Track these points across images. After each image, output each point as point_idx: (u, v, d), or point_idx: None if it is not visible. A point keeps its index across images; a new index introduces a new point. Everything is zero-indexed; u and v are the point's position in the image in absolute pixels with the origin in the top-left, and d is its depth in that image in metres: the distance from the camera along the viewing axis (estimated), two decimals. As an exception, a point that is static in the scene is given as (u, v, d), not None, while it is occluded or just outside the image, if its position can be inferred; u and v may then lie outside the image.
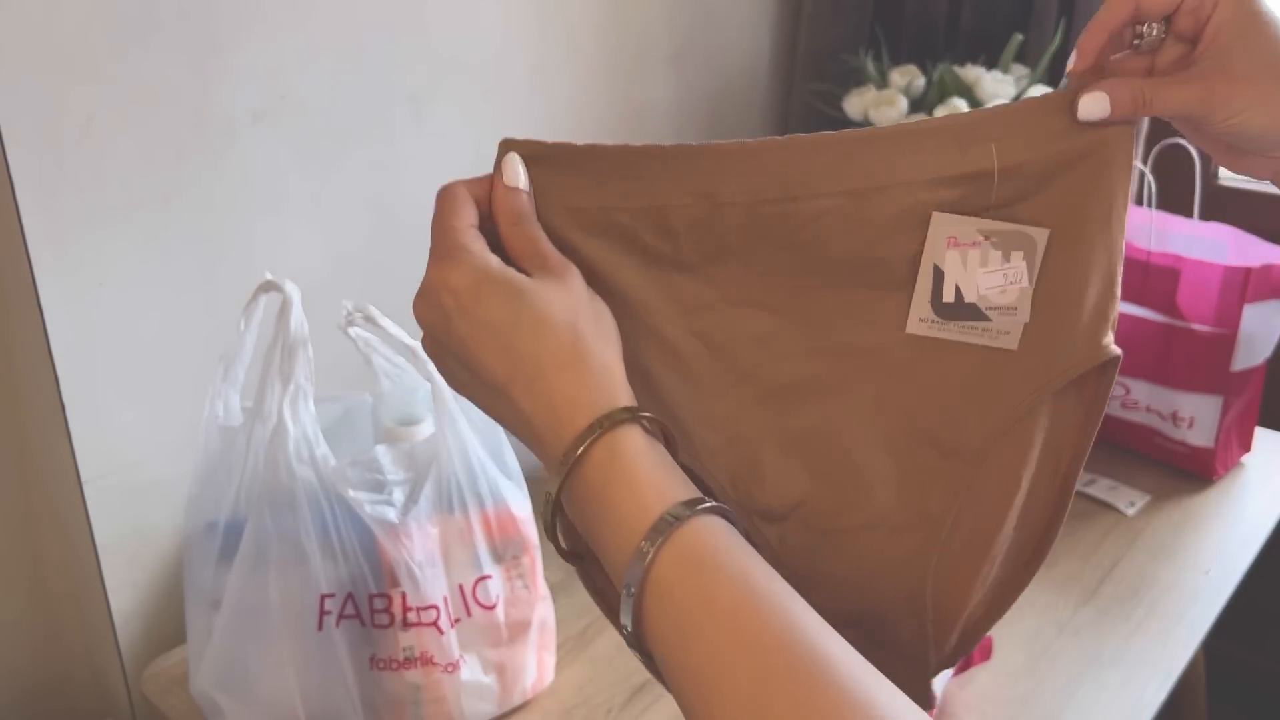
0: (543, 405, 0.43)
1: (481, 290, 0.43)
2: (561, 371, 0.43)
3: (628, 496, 0.41)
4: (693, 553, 0.39)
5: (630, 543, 0.39)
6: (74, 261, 0.87)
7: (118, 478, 0.94)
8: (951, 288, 0.48)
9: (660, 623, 0.39)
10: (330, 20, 0.99)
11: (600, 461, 0.42)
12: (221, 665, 0.78)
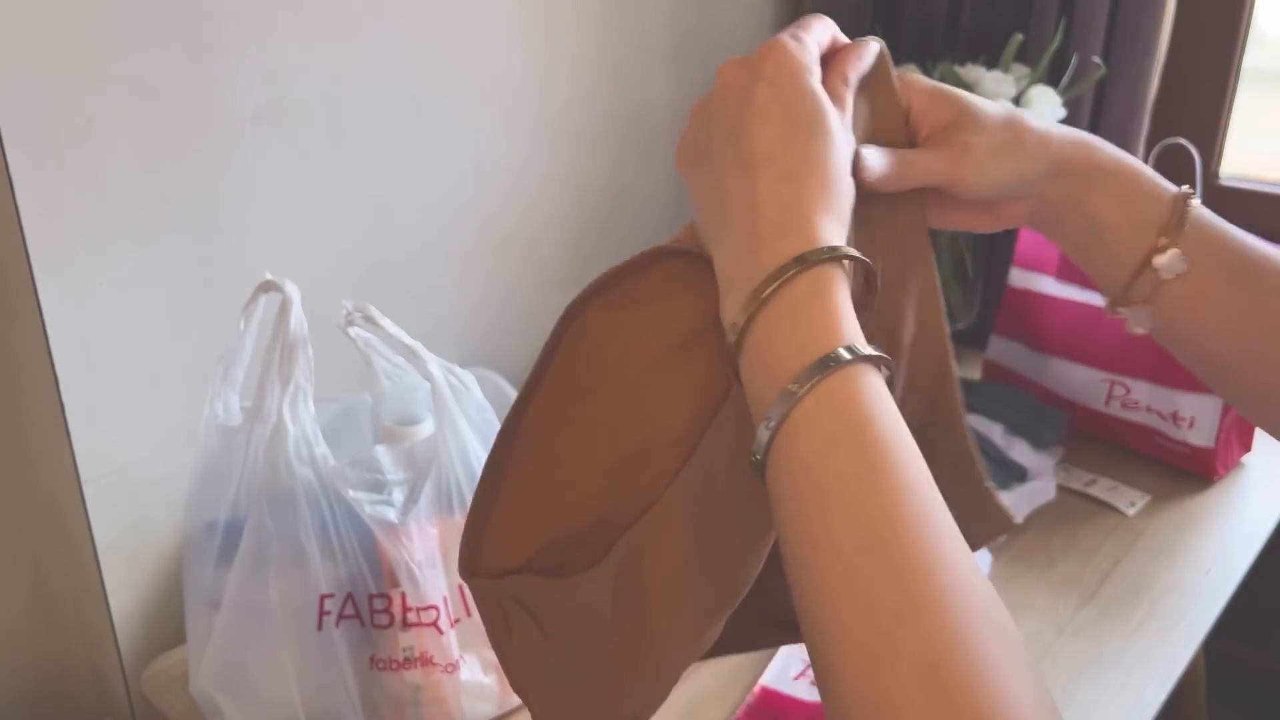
0: (781, 203, 0.43)
1: (801, 81, 0.44)
2: (820, 189, 0.43)
3: (808, 326, 0.41)
4: (853, 389, 0.39)
5: (789, 370, 0.40)
6: (74, 261, 0.87)
7: (117, 477, 0.94)
8: None
9: (801, 441, 0.39)
10: (330, 20, 0.99)
11: (803, 286, 0.42)
12: (221, 665, 0.78)
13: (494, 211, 1.22)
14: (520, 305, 1.29)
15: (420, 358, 0.78)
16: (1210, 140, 1.39)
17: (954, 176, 0.51)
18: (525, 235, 1.26)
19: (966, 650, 0.33)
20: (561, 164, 1.27)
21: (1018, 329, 1.30)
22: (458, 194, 1.17)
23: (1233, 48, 1.36)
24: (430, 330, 1.18)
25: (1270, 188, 1.39)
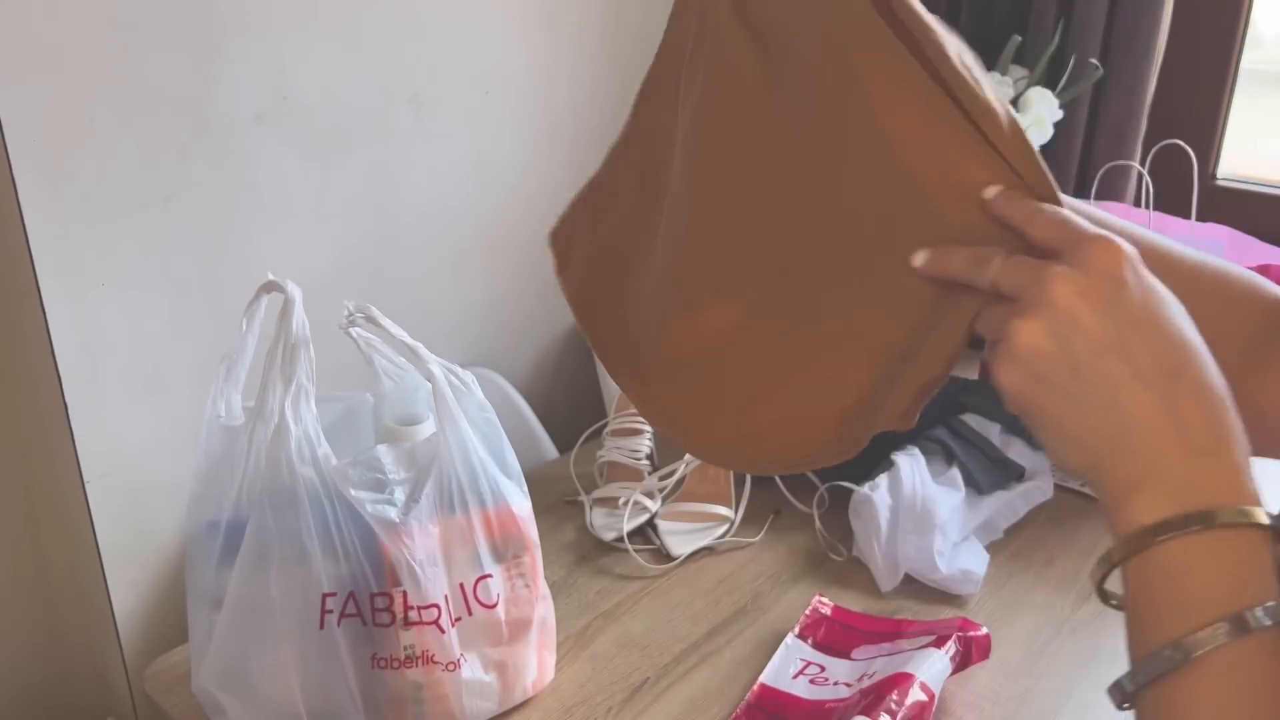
0: (1197, 403, 0.39)
1: (1148, 277, 0.40)
2: (1215, 390, 0.40)
3: (1237, 574, 0.38)
4: (1264, 660, 0.37)
5: (1199, 612, 0.37)
6: (76, 262, 0.87)
7: (120, 477, 0.94)
8: None
9: (1201, 707, 0.37)
10: (331, 21, 1.00)
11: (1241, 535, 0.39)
12: (223, 664, 0.78)
13: (495, 212, 1.22)
14: (521, 306, 1.30)
15: (421, 358, 0.78)
16: (1208, 141, 1.39)
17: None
18: (526, 236, 1.27)
19: None
20: (562, 164, 1.28)
21: (1016, 329, 1.30)
22: (459, 194, 1.17)
23: (1230, 49, 1.36)
24: (431, 330, 1.18)
25: (1267, 188, 1.40)
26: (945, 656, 0.85)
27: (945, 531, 1.00)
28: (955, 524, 1.01)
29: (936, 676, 0.81)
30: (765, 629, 0.95)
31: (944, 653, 0.85)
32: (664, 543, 1.05)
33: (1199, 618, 0.37)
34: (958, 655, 0.86)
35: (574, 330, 1.38)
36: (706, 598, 0.99)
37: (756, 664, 0.90)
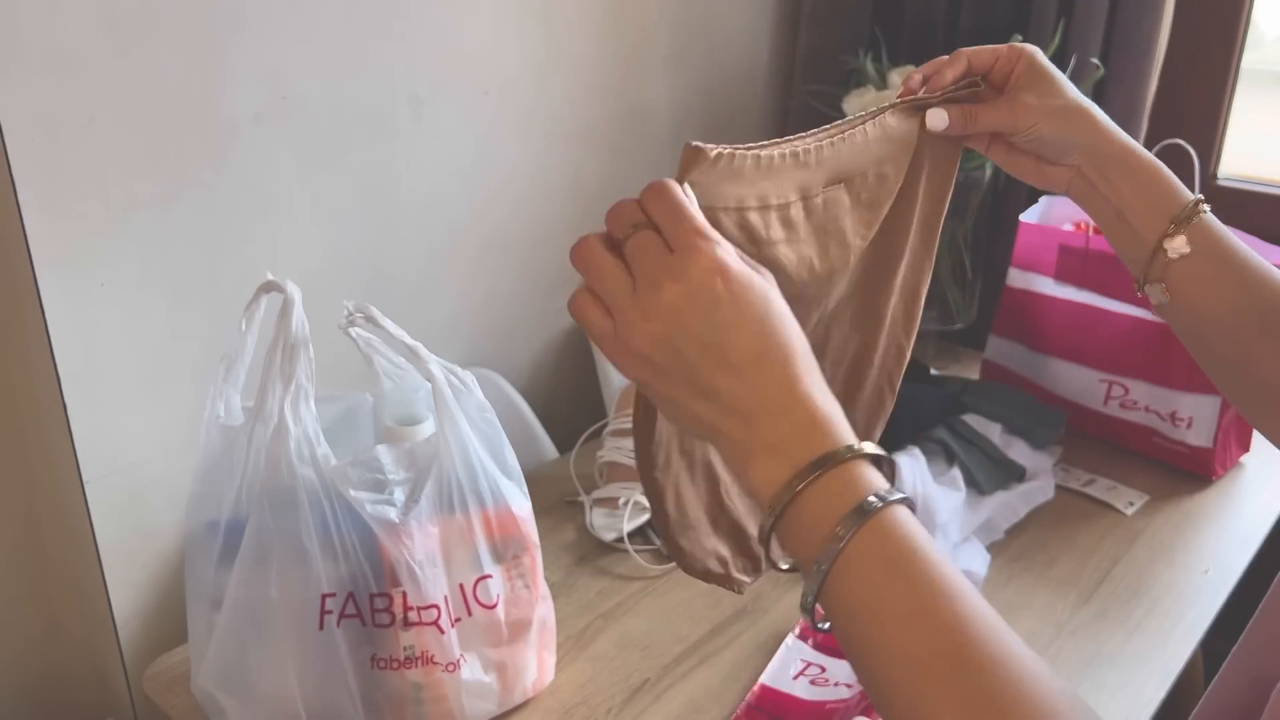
0: (781, 388, 0.47)
1: (747, 279, 0.48)
2: (801, 361, 0.48)
3: (833, 493, 0.46)
4: (885, 534, 0.45)
5: (827, 524, 0.45)
6: (76, 261, 0.87)
7: (119, 477, 0.94)
8: None
9: (847, 590, 0.44)
10: (331, 21, 0.99)
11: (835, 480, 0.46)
12: (223, 664, 0.78)
13: (494, 211, 1.22)
14: (521, 306, 1.30)
15: (421, 358, 0.78)
16: (1209, 141, 1.39)
17: (1010, 126, 0.66)
18: (525, 236, 1.27)
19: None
20: (561, 164, 1.28)
21: (1016, 329, 1.30)
22: (458, 194, 1.17)
23: (1231, 49, 1.36)
24: (431, 330, 1.18)
25: (1268, 188, 1.40)
26: (946, 657, 0.85)
27: (946, 532, 1.00)
28: (956, 524, 1.01)
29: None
30: (765, 630, 0.95)
31: (944, 653, 0.85)
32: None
33: (829, 525, 0.45)
34: (958, 656, 0.86)
35: (574, 330, 1.38)
36: (707, 598, 0.99)
37: (757, 665, 0.90)
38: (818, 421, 0.47)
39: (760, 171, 0.55)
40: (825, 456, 0.45)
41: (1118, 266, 1.18)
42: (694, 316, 0.47)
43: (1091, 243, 1.21)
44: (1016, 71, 0.67)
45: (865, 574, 0.44)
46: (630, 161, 1.36)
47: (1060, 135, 0.66)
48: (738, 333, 0.47)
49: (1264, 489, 1.17)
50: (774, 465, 0.46)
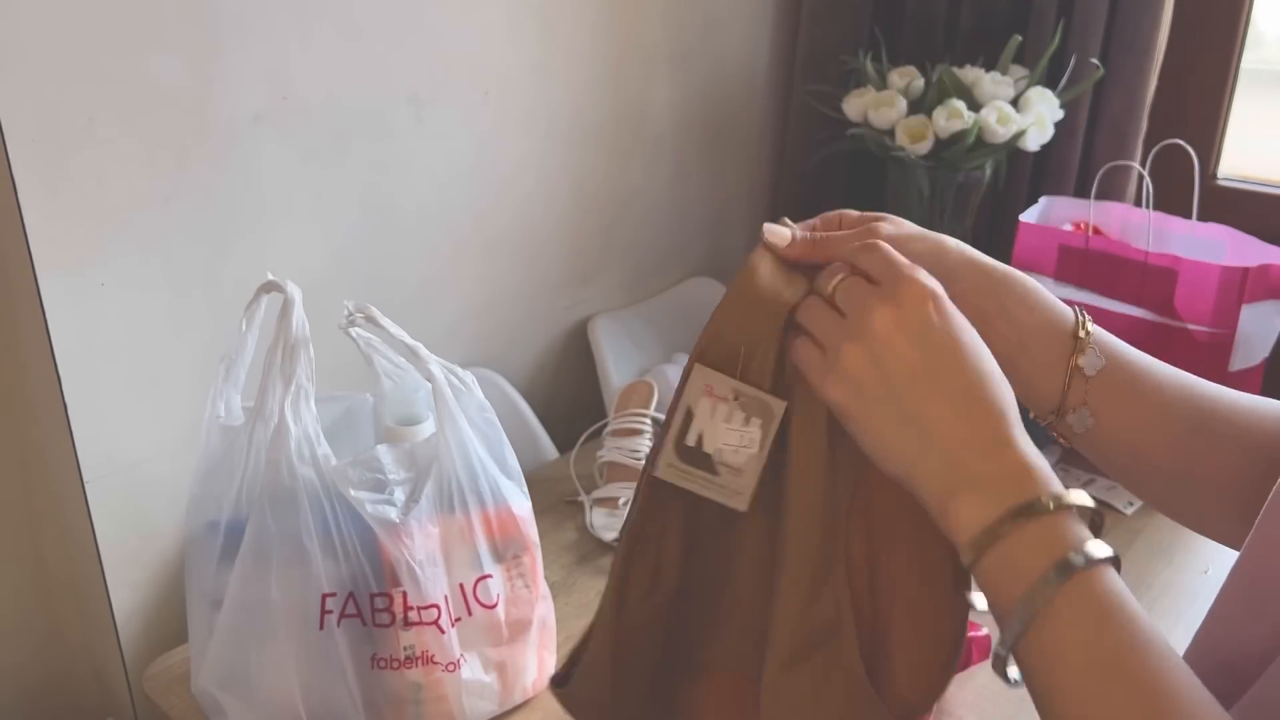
0: (996, 416, 0.46)
1: (953, 311, 0.48)
2: (1013, 410, 0.47)
3: (1039, 544, 0.45)
4: (1090, 594, 0.44)
5: (1031, 575, 0.44)
6: (76, 262, 0.87)
7: (119, 477, 0.94)
8: (695, 434, 0.53)
9: (1049, 647, 0.44)
10: (331, 21, 1.00)
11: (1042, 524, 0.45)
12: (223, 664, 0.78)
13: (494, 212, 1.22)
14: (521, 306, 1.30)
15: (421, 358, 0.78)
16: (1209, 141, 1.39)
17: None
18: (526, 236, 1.27)
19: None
20: (562, 165, 1.28)
21: (1016, 329, 1.30)
22: (458, 195, 1.17)
23: (1231, 49, 1.36)
24: (431, 330, 1.18)
25: (1268, 188, 1.40)
26: (945, 657, 0.85)
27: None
28: (955, 524, 1.01)
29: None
30: (765, 629, 0.94)
31: (944, 653, 0.85)
32: (664, 543, 1.05)
33: (1033, 577, 0.43)
34: (958, 656, 0.86)
35: (574, 330, 1.38)
36: (707, 598, 0.99)
37: (757, 664, 0.90)
38: (1028, 466, 0.45)
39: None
40: (1032, 503, 0.44)
41: (1117, 266, 1.18)
42: (905, 340, 0.47)
43: (1091, 243, 1.21)
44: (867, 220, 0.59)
45: (1067, 631, 0.43)
46: (630, 161, 1.36)
47: (936, 258, 0.56)
48: (952, 359, 0.46)
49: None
50: (980, 505, 0.45)
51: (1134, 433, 0.59)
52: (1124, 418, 0.59)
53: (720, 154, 1.50)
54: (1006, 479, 0.45)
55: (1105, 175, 1.29)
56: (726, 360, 0.53)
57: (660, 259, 1.45)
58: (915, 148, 1.26)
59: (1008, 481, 0.45)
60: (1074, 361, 0.57)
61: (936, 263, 0.55)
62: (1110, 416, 0.59)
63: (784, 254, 0.55)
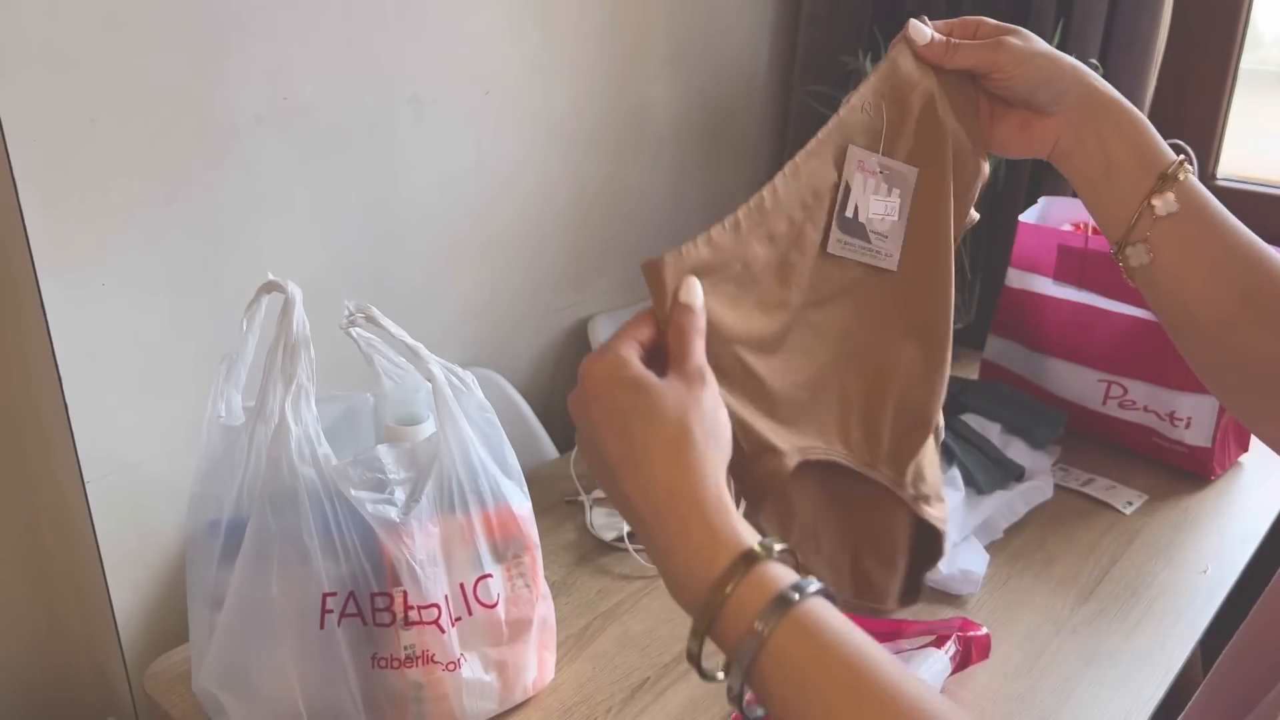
0: (644, 492, 0.48)
1: (612, 382, 0.50)
2: (668, 459, 0.48)
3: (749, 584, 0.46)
4: (806, 624, 0.45)
5: (745, 618, 0.45)
6: (77, 262, 0.88)
7: (120, 477, 0.94)
8: (852, 205, 0.60)
9: (776, 685, 0.45)
10: (331, 21, 1.00)
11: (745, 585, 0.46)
12: (223, 663, 0.78)
13: (494, 212, 1.22)
14: (521, 306, 1.30)
15: (421, 358, 0.79)
16: (1208, 141, 1.39)
17: (993, 63, 0.61)
18: (526, 236, 1.27)
19: None
20: (562, 164, 1.28)
21: (1015, 329, 1.30)
22: (459, 194, 1.17)
23: (1230, 49, 1.36)
24: (431, 330, 1.18)
25: (1268, 188, 1.40)
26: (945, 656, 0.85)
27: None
28: (955, 524, 1.01)
29: (936, 676, 0.81)
30: (765, 629, 0.95)
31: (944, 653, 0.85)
32: (664, 542, 1.05)
33: (756, 611, 0.45)
34: (958, 655, 0.87)
35: (574, 330, 1.38)
36: (706, 597, 0.99)
37: (756, 664, 0.90)
38: (698, 528, 0.47)
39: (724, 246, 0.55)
40: (729, 569, 0.46)
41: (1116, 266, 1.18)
42: (581, 416, 0.52)
43: (1090, 243, 1.21)
44: (986, 27, 0.64)
45: (792, 668, 0.44)
46: (630, 162, 1.36)
47: (1051, 77, 0.61)
48: (604, 431, 0.50)
49: (1262, 488, 1.18)
50: (677, 580, 0.48)
51: (1185, 286, 0.61)
52: (1179, 265, 0.61)
53: (720, 154, 1.50)
54: (702, 557, 0.47)
55: (1105, 175, 1.29)
56: (870, 139, 0.60)
57: (660, 259, 1.45)
58: (915, 148, 1.26)
59: (703, 559, 0.47)
60: (1149, 199, 0.61)
61: (1048, 83, 0.61)
62: (1167, 260, 0.61)
63: (920, 51, 0.61)
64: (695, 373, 0.51)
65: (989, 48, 0.61)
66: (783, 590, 0.45)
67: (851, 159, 0.59)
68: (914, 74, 0.62)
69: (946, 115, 0.63)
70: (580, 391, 0.51)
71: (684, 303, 0.53)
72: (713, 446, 0.50)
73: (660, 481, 0.48)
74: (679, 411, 0.49)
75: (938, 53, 0.62)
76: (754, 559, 0.46)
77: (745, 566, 0.46)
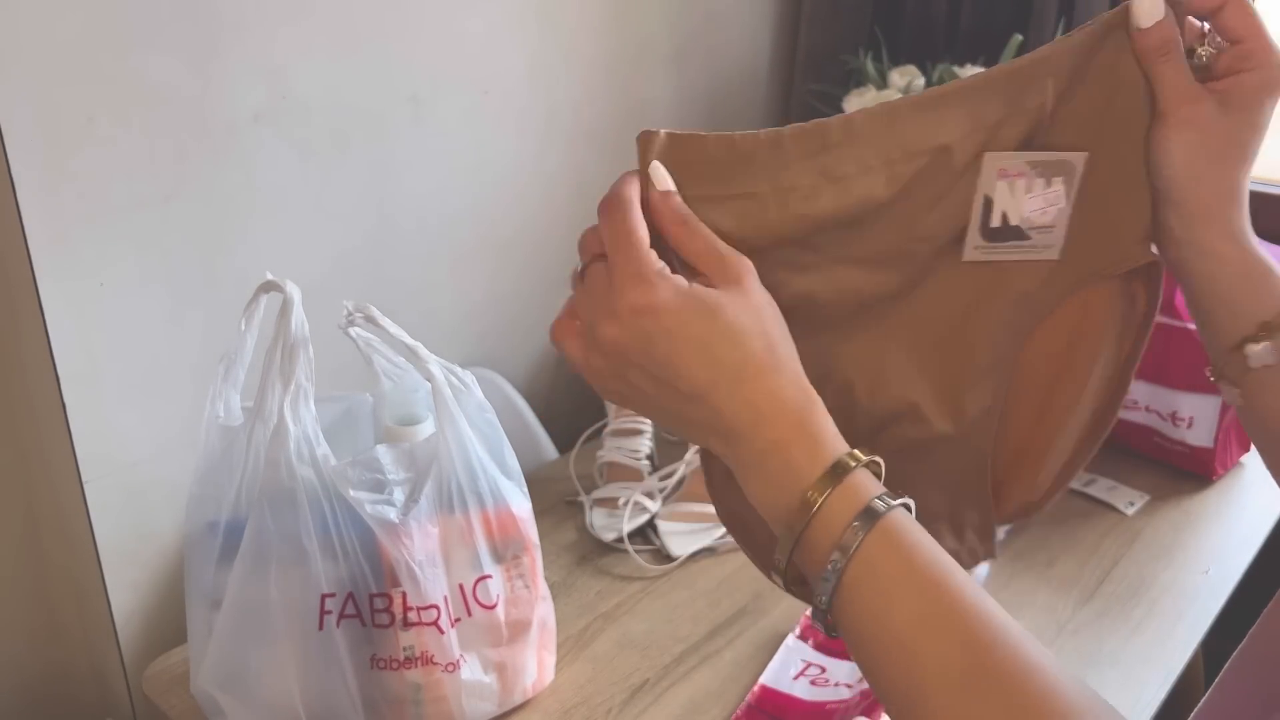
0: (746, 407, 0.46)
1: (684, 310, 0.46)
2: (760, 376, 0.47)
3: (843, 492, 0.45)
4: (896, 535, 0.44)
5: (837, 527, 0.44)
6: (75, 262, 0.87)
7: (119, 477, 0.94)
8: (999, 215, 0.54)
9: (864, 594, 0.44)
10: (330, 21, 0.99)
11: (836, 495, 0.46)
12: (222, 664, 0.78)
13: (494, 211, 1.22)
14: (521, 305, 1.30)
15: (421, 358, 0.78)
16: (1209, 140, 1.39)
17: (1183, 99, 0.52)
18: (525, 235, 1.27)
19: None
20: (561, 164, 1.28)
21: (1017, 329, 1.30)
22: (458, 194, 1.17)
23: (1231, 48, 1.36)
24: (431, 330, 1.18)
25: (1268, 188, 1.39)
26: (946, 657, 0.85)
27: (946, 532, 0.99)
28: (956, 524, 1.01)
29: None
30: (766, 630, 0.94)
31: (945, 653, 0.85)
32: (664, 543, 1.05)
33: (839, 529, 0.44)
34: (959, 656, 0.86)
35: (574, 330, 1.38)
36: (707, 598, 0.99)
37: (757, 665, 0.90)
38: (796, 438, 0.46)
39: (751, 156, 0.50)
40: (822, 478, 0.45)
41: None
42: (634, 355, 0.47)
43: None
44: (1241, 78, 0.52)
45: (881, 577, 0.44)
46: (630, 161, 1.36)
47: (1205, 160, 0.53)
48: (681, 365, 0.46)
49: (1264, 489, 1.17)
50: (768, 488, 0.47)
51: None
52: (1277, 418, 0.55)
53: (720, 154, 1.50)
54: (779, 457, 0.46)
55: (1106, 175, 1.29)
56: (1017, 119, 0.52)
57: (660, 259, 1.45)
58: (916, 147, 1.26)
59: (781, 460, 0.46)
60: (1244, 345, 0.54)
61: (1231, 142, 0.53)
62: (1264, 410, 0.55)
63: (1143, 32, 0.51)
64: (739, 266, 0.48)
65: (1194, 95, 0.52)
66: (872, 501, 0.44)
67: (989, 168, 0.53)
68: (1110, 53, 0.52)
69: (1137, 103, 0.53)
70: (636, 328, 0.46)
71: (664, 189, 0.49)
72: (789, 345, 0.49)
73: (763, 396, 0.46)
74: (757, 323, 0.47)
75: (1164, 35, 0.51)
76: (844, 469, 0.45)
77: (837, 476, 0.45)
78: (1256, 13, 0.52)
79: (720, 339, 0.46)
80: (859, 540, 0.44)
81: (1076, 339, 0.60)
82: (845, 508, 0.44)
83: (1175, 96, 0.52)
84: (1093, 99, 0.53)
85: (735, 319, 0.47)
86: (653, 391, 0.48)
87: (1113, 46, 0.52)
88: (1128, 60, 0.52)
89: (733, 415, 0.47)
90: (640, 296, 0.46)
